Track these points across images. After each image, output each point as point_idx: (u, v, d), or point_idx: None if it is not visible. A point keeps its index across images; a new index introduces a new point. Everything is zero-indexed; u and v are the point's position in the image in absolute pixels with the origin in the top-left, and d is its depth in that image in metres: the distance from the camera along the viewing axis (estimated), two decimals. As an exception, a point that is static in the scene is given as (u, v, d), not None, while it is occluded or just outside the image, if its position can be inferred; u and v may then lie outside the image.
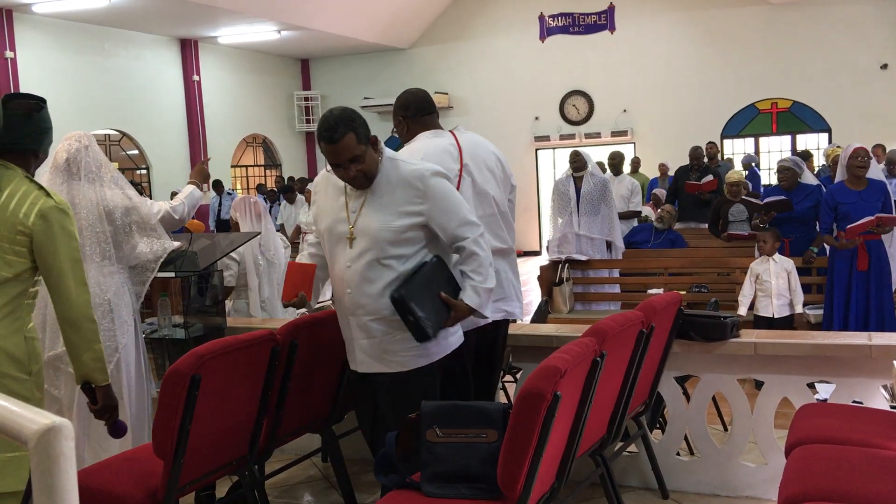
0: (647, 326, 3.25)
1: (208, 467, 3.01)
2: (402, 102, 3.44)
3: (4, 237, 2.59)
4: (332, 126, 2.83)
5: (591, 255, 7.15)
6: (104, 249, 3.58)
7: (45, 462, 0.89)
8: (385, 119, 18.10)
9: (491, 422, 2.60)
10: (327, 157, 2.89)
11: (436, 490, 2.59)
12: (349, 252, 2.94)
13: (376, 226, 2.89)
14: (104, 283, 3.58)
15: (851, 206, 5.65)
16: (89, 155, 3.63)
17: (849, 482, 2.48)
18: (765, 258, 5.72)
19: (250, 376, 3.07)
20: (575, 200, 7.20)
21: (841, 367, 3.55)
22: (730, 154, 15.21)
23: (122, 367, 3.63)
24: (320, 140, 2.88)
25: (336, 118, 2.84)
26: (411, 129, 3.40)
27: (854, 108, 14.43)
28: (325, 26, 15.14)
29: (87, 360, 2.69)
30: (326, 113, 2.89)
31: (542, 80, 16.52)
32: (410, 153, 3.26)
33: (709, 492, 3.78)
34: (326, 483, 4.14)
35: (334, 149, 2.84)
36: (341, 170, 2.89)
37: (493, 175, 3.37)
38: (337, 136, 2.82)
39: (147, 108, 14.60)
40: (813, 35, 14.74)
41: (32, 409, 0.94)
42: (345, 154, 2.84)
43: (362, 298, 2.92)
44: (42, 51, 12.70)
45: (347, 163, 2.86)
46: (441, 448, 2.61)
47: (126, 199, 3.66)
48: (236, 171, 17.36)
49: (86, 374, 2.71)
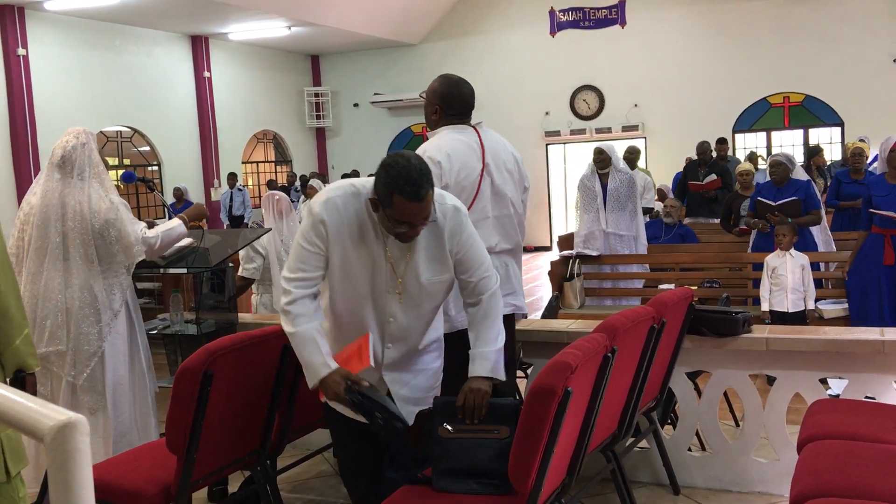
0: (658, 322, 3.24)
1: (221, 462, 3.03)
2: (446, 96, 3.25)
3: None
4: (416, 181, 2.42)
5: (622, 251, 7.05)
6: (88, 251, 3.56)
7: (61, 457, 0.90)
8: (395, 115, 18.13)
9: (503, 418, 2.60)
10: (401, 214, 2.44)
11: (447, 485, 2.59)
12: (394, 306, 2.63)
13: (428, 278, 2.63)
14: (90, 285, 3.57)
15: (884, 199, 5.61)
16: (84, 153, 3.60)
17: (861, 478, 2.47)
18: (781, 252, 5.71)
19: (262, 372, 3.08)
20: (602, 197, 6.99)
21: (853, 362, 3.53)
22: (742, 148, 15.15)
23: (107, 369, 3.63)
24: (396, 193, 2.41)
25: (418, 171, 2.44)
26: (442, 122, 3.28)
27: (867, 102, 14.33)
28: (335, 22, 15.15)
29: (21, 346, 2.49)
30: (400, 160, 2.45)
31: (553, 75, 16.48)
32: (438, 148, 3.16)
33: (720, 487, 3.78)
34: (338, 478, 4.15)
35: (418, 207, 2.44)
36: (406, 228, 2.48)
37: (510, 176, 3.33)
38: (423, 192, 2.43)
39: (158, 105, 14.65)
40: (825, 28, 14.64)
41: (48, 404, 0.95)
42: (426, 211, 2.47)
43: (408, 351, 2.73)
44: (54, 48, 12.75)
45: (421, 221, 2.50)
46: (453, 444, 2.60)
47: (112, 210, 3.57)
48: (247, 167, 17.40)
49: (19, 362, 2.50)
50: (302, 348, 2.58)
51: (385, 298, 2.62)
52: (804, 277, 5.66)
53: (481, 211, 3.21)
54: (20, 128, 12.07)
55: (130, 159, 14.75)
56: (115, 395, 3.66)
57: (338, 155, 18.77)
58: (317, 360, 2.56)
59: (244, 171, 17.13)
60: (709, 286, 6.68)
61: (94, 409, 3.63)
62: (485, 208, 3.23)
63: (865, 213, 5.77)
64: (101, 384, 3.62)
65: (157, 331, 4.31)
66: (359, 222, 2.57)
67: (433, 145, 3.18)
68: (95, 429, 3.64)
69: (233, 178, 14.48)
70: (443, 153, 3.12)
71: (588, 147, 7.28)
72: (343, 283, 2.64)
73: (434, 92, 3.28)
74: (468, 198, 3.16)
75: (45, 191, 3.60)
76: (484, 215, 3.22)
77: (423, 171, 2.44)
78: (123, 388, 3.68)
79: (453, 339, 3.01)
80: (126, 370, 3.70)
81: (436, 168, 3.06)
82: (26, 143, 12.11)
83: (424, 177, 2.44)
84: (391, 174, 2.43)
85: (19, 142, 12.06)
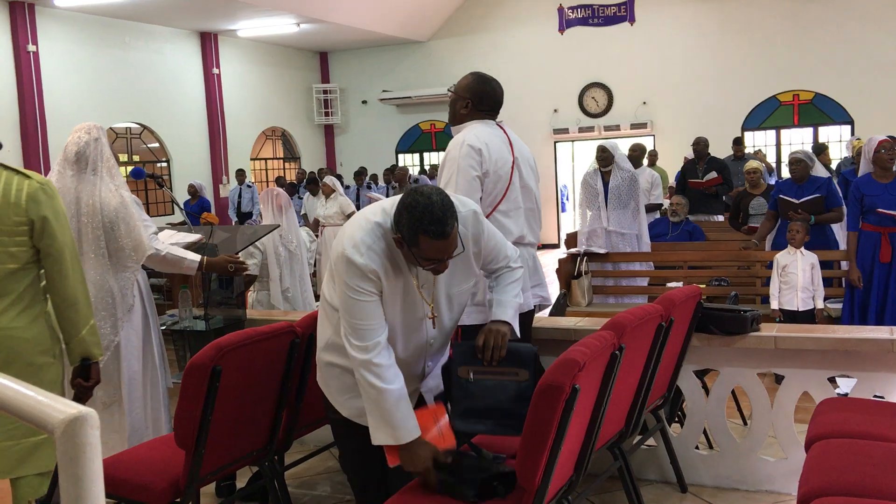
0: (666, 320, 3.24)
1: (229, 458, 3.04)
2: (479, 92, 3.34)
3: (4, 231, 2.57)
4: (441, 219, 2.33)
5: (624, 250, 7.05)
6: (99, 245, 3.57)
7: (72, 450, 0.90)
8: (403, 112, 18.13)
9: (522, 362, 2.63)
10: (430, 253, 2.37)
11: (465, 425, 2.64)
12: (432, 331, 2.63)
13: (456, 291, 2.63)
14: (104, 280, 3.58)
15: (878, 199, 5.61)
16: (97, 148, 3.61)
17: (869, 477, 2.46)
18: (792, 250, 5.69)
19: (270, 368, 3.09)
20: (603, 195, 6.99)
21: (862, 361, 3.52)
22: (751, 146, 15.08)
23: (122, 363, 3.65)
24: (422, 234, 2.33)
25: (441, 207, 2.34)
26: (469, 117, 3.38)
27: (877, 101, 14.26)
28: (344, 19, 15.16)
29: (86, 336, 2.66)
30: (421, 199, 2.34)
31: (561, 73, 16.45)
32: (476, 137, 3.24)
33: (728, 486, 3.77)
34: (345, 475, 4.16)
35: (444, 244, 2.36)
36: (435, 263, 2.41)
37: (532, 171, 3.48)
38: (449, 229, 2.35)
39: (167, 102, 14.69)
40: (835, 26, 14.56)
41: (58, 398, 0.95)
42: (452, 247, 2.40)
43: (439, 361, 2.77)
44: (63, 44, 12.80)
45: (452, 255, 2.42)
46: (473, 386, 2.64)
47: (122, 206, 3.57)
48: (255, 163, 17.43)
49: (84, 351, 2.67)
50: (394, 407, 2.45)
51: (421, 325, 2.61)
52: (813, 276, 5.64)
53: (514, 201, 3.35)
54: (30, 123, 12.13)
55: (140, 156, 14.80)
56: (130, 390, 3.67)
57: (346, 152, 18.79)
58: (409, 424, 2.47)
59: (253, 168, 17.16)
60: (717, 284, 6.66)
61: (108, 404, 3.64)
62: (517, 199, 3.36)
63: (854, 212, 5.76)
64: (116, 378, 3.63)
65: (166, 327, 4.33)
66: (390, 258, 2.48)
67: (471, 135, 3.27)
68: (110, 423, 3.65)
69: (241, 174, 14.51)
70: (481, 142, 3.25)
71: (596, 145, 7.25)
72: (390, 324, 2.54)
73: (467, 87, 3.37)
74: (503, 188, 3.30)
75: (59, 188, 3.61)
76: (517, 205, 3.36)
77: (446, 207, 2.35)
78: (137, 382, 3.69)
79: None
80: (140, 365, 3.72)
81: (476, 155, 3.21)
82: (36, 139, 12.17)
83: (448, 212, 2.35)
84: (415, 216, 2.33)
85: (29, 137, 12.12)
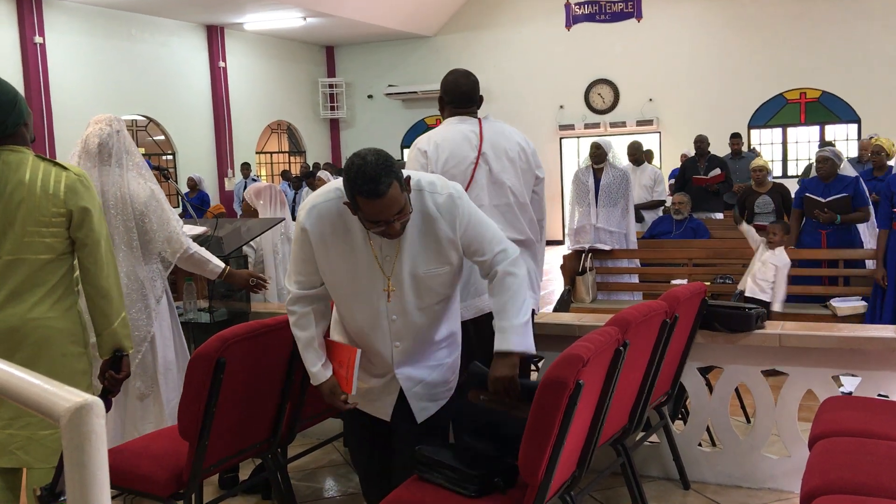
0: (670, 316, 3.24)
1: (232, 450, 3.04)
2: (445, 87, 3.41)
3: (42, 221, 2.57)
4: (373, 177, 2.31)
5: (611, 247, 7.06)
6: (131, 237, 3.56)
7: (77, 439, 0.90)
8: (409, 106, 18.12)
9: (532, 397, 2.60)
10: (369, 214, 2.37)
11: (468, 441, 2.64)
12: (391, 305, 2.58)
13: (423, 272, 2.56)
14: (135, 271, 3.58)
15: None
16: (120, 140, 3.61)
17: (873, 475, 2.46)
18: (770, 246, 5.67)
19: (274, 360, 3.10)
20: (594, 192, 6.97)
21: (867, 359, 3.51)
22: (757, 144, 15.04)
23: (157, 354, 3.66)
24: (357, 195, 2.34)
25: (374, 166, 2.32)
26: (447, 114, 3.43)
27: (884, 99, 14.21)
28: (351, 13, 15.15)
29: (118, 328, 2.67)
30: (356, 160, 2.36)
31: (567, 69, 16.42)
32: (428, 138, 3.29)
33: (730, 483, 3.77)
34: (348, 467, 4.17)
35: (380, 204, 2.33)
36: (382, 226, 2.39)
37: (512, 165, 3.35)
38: (382, 188, 2.31)
39: (173, 94, 14.70)
40: (842, 24, 14.51)
41: (64, 386, 0.95)
42: (393, 208, 2.36)
43: (419, 347, 2.69)
44: (70, 36, 12.81)
45: (393, 217, 2.38)
46: (483, 409, 2.63)
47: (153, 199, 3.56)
48: (261, 157, 17.44)
49: (117, 343, 2.68)
50: (303, 351, 2.73)
51: (379, 298, 2.58)
52: (777, 277, 5.58)
53: (475, 199, 3.18)
54: (36, 115, 12.14)
55: (145, 148, 14.80)
56: (167, 380, 3.67)
57: (351, 146, 18.78)
58: (314, 370, 2.71)
59: (258, 162, 17.17)
60: (722, 282, 6.65)
61: (143, 396, 3.63)
62: (479, 196, 3.24)
63: (886, 210, 5.71)
64: (152, 368, 3.64)
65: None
66: (344, 226, 2.52)
67: (426, 136, 3.33)
68: (146, 415, 3.64)
69: (246, 168, 14.52)
70: (431, 143, 3.25)
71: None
72: (335, 289, 2.64)
73: (441, 86, 3.43)
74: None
75: None
76: (479, 203, 3.20)
77: (380, 166, 2.32)
78: (172, 372, 3.70)
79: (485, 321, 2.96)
80: (174, 355, 3.73)
81: (421, 157, 3.24)
82: (42, 131, 12.19)
83: (383, 171, 2.31)
84: (350, 176, 2.35)
85: (35, 129, 12.09)
